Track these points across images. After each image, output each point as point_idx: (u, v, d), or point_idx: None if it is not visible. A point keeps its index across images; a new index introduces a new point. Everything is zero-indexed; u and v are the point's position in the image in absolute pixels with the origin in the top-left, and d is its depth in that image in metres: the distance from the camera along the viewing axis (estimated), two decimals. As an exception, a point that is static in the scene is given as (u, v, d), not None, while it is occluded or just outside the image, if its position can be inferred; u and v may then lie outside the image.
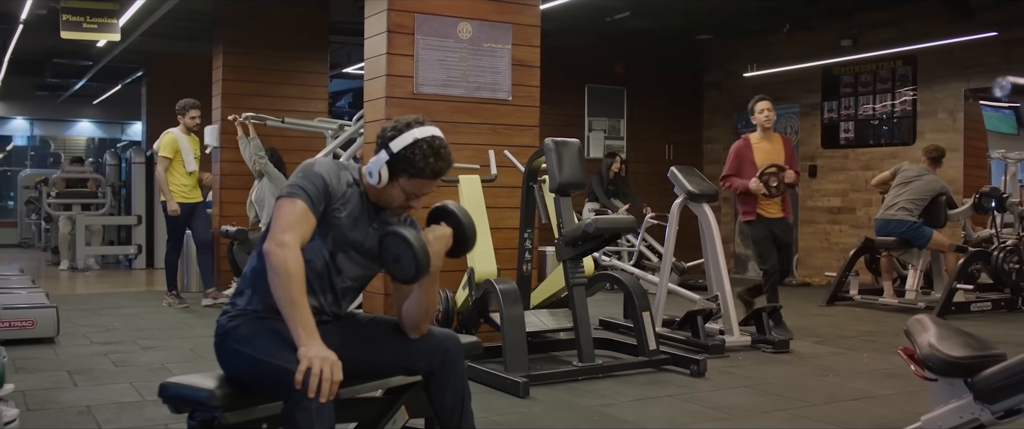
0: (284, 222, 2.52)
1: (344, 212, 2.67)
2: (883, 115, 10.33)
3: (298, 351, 2.38)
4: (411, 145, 2.62)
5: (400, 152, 2.62)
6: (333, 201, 2.64)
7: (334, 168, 2.69)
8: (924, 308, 7.91)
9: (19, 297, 6.51)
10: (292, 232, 2.50)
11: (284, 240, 2.47)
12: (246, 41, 9.58)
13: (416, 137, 2.63)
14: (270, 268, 2.46)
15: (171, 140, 7.68)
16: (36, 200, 14.72)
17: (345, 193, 2.68)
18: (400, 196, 2.69)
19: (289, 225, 2.51)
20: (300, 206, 2.55)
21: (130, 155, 12.48)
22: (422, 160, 2.62)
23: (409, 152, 2.62)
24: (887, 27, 10.07)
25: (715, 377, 5.13)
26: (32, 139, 21.12)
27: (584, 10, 9.62)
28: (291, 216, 2.53)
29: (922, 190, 8.12)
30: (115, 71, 14.75)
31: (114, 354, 5.68)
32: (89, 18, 9.03)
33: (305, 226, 2.55)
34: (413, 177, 2.65)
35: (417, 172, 2.63)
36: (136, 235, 12.09)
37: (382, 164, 2.63)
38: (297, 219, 2.53)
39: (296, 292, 2.43)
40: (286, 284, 2.43)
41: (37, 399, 4.42)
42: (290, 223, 2.52)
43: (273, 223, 2.54)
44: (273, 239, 2.48)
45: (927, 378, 3.19)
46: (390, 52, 5.89)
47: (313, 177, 2.61)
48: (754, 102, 6.58)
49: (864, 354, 5.98)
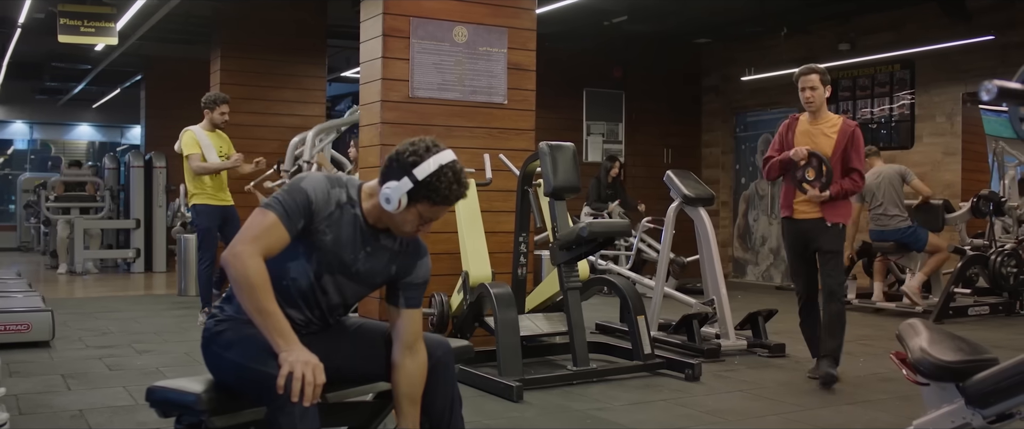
0: (248, 232, 2.49)
1: (330, 234, 2.60)
2: (881, 119, 10.32)
3: (279, 357, 2.37)
4: (437, 173, 2.51)
5: (425, 180, 2.51)
6: (316, 219, 2.56)
7: (324, 185, 2.60)
8: (922, 312, 7.90)
9: (15, 301, 6.51)
10: (253, 243, 2.46)
11: (239, 251, 2.43)
12: (244, 45, 9.60)
13: (441, 164, 2.53)
14: (231, 279, 2.43)
15: (191, 137, 6.92)
16: (35, 204, 14.73)
17: (332, 213, 2.60)
18: (415, 221, 2.59)
19: (252, 236, 2.47)
20: (270, 218, 2.49)
21: (129, 159, 12.48)
22: (447, 188, 2.53)
23: (435, 179, 2.51)
24: (885, 31, 10.07)
25: (710, 381, 5.12)
26: (32, 143, 21.14)
27: (582, 14, 9.63)
28: (257, 227, 2.49)
29: (889, 187, 8.11)
30: (114, 75, 14.77)
31: (109, 358, 5.68)
32: (86, 22, 9.04)
33: (270, 238, 2.48)
34: (435, 204, 2.55)
35: (441, 200, 2.54)
36: (135, 239, 12.09)
37: (403, 192, 2.52)
38: (263, 230, 2.48)
39: (262, 300, 2.41)
40: (249, 294, 2.41)
41: (30, 403, 4.41)
42: (254, 234, 2.48)
43: (239, 232, 2.52)
44: (230, 249, 2.45)
45: (919, 382, 3.18)
46: (385, 56, 5.89)
47: (295, 192, 2.55)
48: (796, 76, 5.17)
49: (860, 358, 5.97)
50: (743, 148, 12.18)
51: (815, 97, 5.06)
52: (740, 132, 12.25)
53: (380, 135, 5.90)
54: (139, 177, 12.15)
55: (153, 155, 12.26)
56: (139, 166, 12.18)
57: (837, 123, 5.12)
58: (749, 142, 12.08)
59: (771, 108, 11.65)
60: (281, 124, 9.29)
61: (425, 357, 2.73)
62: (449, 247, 5.63)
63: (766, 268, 11.75)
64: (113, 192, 12.76)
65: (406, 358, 2.71)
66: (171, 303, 8.63)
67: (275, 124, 9.19)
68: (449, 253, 5.64)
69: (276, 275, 2.54)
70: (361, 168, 6.36)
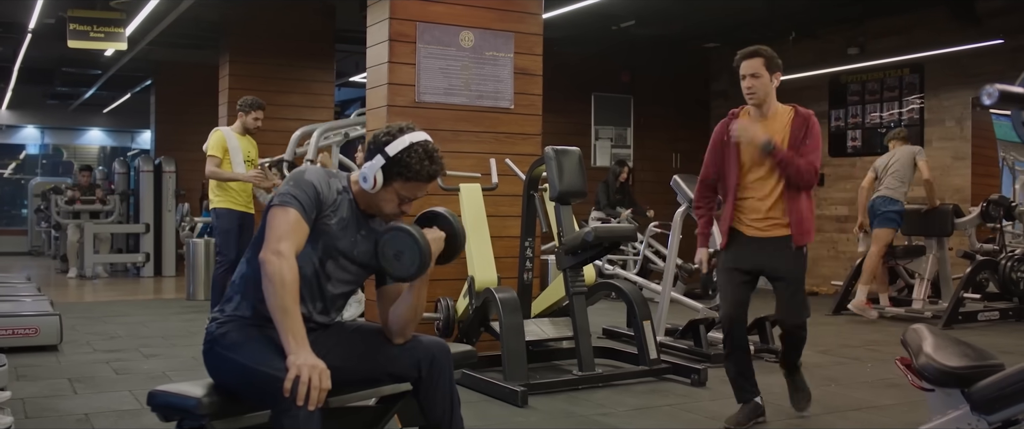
0: (279, 231, 2.54)
1: (334, 219, 2.70)
2: (891, 123, 10.28)
3: (287, 359, 2.39)
4: (407, 148, 2.65)
5: (396, 156, 2.64)
6: (324, 208, 2.67)
7: (324, 175, 2.73)
8: (931, 317, 7.87)
9: (23, 305, 6.54)
10: (287, 241, 2.53)
11: (280, 249, 2.50)
12: (252, 49, 9.63)
13: (411, 141, 2.67)
14: (265, 276, 2.48)
15: (219, 138, 6.68)
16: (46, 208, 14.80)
17: (335, 200, 2.71)
18: (393, 200, 2.71)
19: (284, 234, 2.54)
20: (293, 215, 2.58)
21: (138, 163, 12.53)
22: (418, 163, 2.65)
23: (405, 155, 2.64)
24: (894, 35, 10.04)
25: (716, 386, 5.10)
26: (44, 148, 21.25)
27: (590, 18, 9.64)
28: (285, 225, 2.56)
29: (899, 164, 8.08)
30: (124, 80, 14.84)
31: (116, 362, 5.69)
32: (96, 27, 9.09)
33: (299, 235, 2.58)
34: (409, 180, 2.68)
35: (413, 175, 2.66)
36: (144, 243, 12.13)
37: (377, 169, 2.65)
38: (291, 228, 2.56)
39: (289, 301, 2.45)
40: (281, 293, 2.45)
41: (36, 407, 4.43)
42: (285, 232, 2.54)
43: (268, 232, 2.56)
44: (269, 248, 2.51)
45: (924, 388, 3.16)
46: (392, 61, 5.90)
47: (304, 185, 2.64)
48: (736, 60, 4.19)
49: (867, 364, 5.94)
50: (752, 153, 12.14)
51: (757, 86, 4.05)
52: (749, 136, 12.21)
53: (386, 140, 5.89)
54: (148, 181, 12.20)
55: (163, 160, 12.31)
56: (149, 171, 12.23)
57: (787, 116, 4.13)
58: (758, 147, 12.04)
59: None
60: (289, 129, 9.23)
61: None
62: (455, 252, 5.62)
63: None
64: (123, 197, 12.81)
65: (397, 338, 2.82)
66: (180, 307, 8.66)
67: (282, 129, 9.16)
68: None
69: None
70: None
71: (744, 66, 4.09)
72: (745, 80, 4.08)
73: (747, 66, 4.08)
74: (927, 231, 8.35)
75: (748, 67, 4.07)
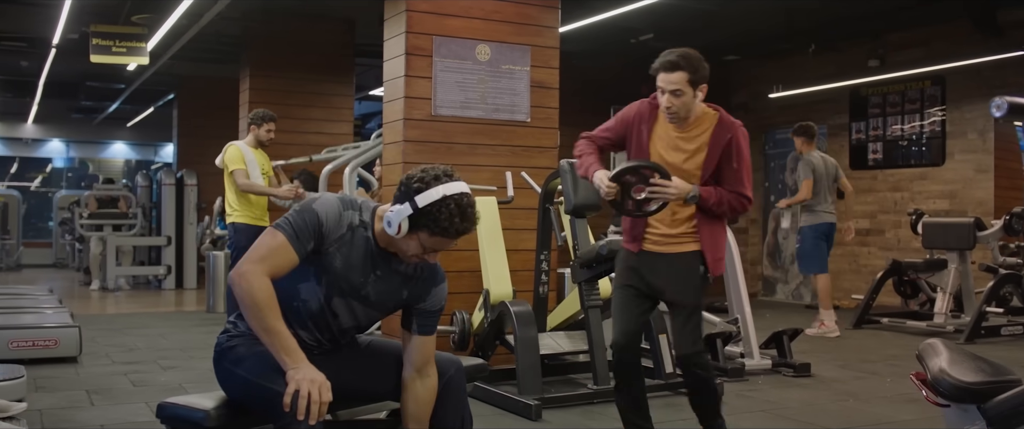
0: (255, 252, 2.50)
1: (339, 256, 2.58)
2: (912, 136, 10.21)
3: (288, 374, 2.38)
4: (438, 202, 2.47)
5: (425, 208, 2.47)
6: (326, 242, 2.56)
7: (336, 207, 2.59)
8: (953, 332, 7.78)
9: (44, 317, 6.60)
10: (260, 263, 2.47)
11: (245, 269, 2.44)
12: (273, 63, 9.70)
13: (444, 194, 2.47)
14: (237, 298, 2.44)
15: (236, 152, 6.70)
16: (69, 221, 14.96)
17: (343, 235, 2.58)
18: (417, 249, 2.55)
19: (259, 256, 2.48)
20: (279, 239, 2.50)
21: (160, 177, 12.64)
22: (447, 220, 2.47)
23: (435, 210, 2.46)
24: (915, 47, 9.97)
25: (732, 401, 5.07)
26: (70, 161, 21.49)
27: (608, 32, 9.64)
28: (265, 247, 2.50)
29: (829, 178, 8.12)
30: (147, 94, 15.01)
31: (134, 374, 5.73)
32: (118, 42, 9.19)
33: (278, 259, 2.49)
34: (434, 235, 2.50)
35: (441, 231, 2.49)
36: (166, 256, 12.22)
37: (404, 217, 2.49)
38: (270, 251, 2.49)
39: (267, 319, 2.41)
40: (255, 313, 2.42)
41: (53, 418, 4.46)
42: (261, 254, 2.49)
43: (247, 252, 2.53)
44: (237, 269, 2.47)
45: (939, 404, 3.13)
46: (408, 74, 5.92)
47: (306, 213, 2.55)
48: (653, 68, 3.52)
49: (887, 378, 5.88)
50: (772, 166, 12.09)
51: (678, 106, 3.45)
52: (769, 150, 12.17)
53: (403, 154, 5.92)
54: (170, 195, 12.30)
55: (184, 173, 12.41)
56: (171, 184, 12.33)
57: (709, 122, 3.54)
58: (779, 160, 11.99)
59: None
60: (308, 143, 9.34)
61: (435, 381, 2.73)
62: (470, 265, 5.63)
63: (796, 287, 11.63)
64: (145, 210, 12.92)
65: (416, 380, 2.71)
66: (199, 319, 8.70)
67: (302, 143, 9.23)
68: (470, 271, 5.64)
69: (286, 296, 2.55)
70: (385, 186, 6.39)
71: (662, 79, 3.44)
72: (664, 96, 3.45)
73: (666, 80, 3.43)
74: (949, 244, 8.27)
75: (668, 82, 3.43)
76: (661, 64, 3.45)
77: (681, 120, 3.51)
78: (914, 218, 8.81)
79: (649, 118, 3.58)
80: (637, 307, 3.62)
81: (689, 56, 3.44)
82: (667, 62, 3.43)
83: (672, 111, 3.46)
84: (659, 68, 3.45)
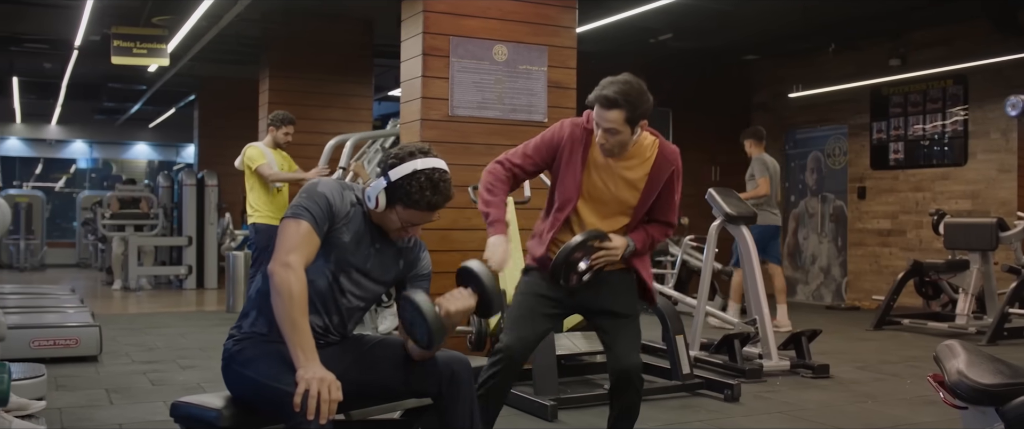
0: (289, 243, 2.54)
1: (347, 233, 2.67)
2: (934, 135, 10.13)
3: (297, 373, 2.39)
4: (409, 176, 2.60)
5: (398, 181, 2.60)
6: (336, 221, 2.65)
7: (338, 188, 2.71)
8: (975, 333, 7.71)
9: (65, 316, 6.66)
10: (296, 253, 2.52)
11: (288, 261, 2.49)
12: (292, 64, 9.75)
13: (415, 168, 2.60)
14: (273, 289, 2.48)
15: (256, 151, 6.80)
16: (92, 221, 15.09)
17: (348, 213, 2.69)
18: (397, 223, 2.68)
19: (293, 246, 2.54)
20: (304, 227, 2.57)
21: (181, 177, 12.73)
22: (418, 192, 2.60)
23: (406, 182, 2.60)
24: (936, 46, 9.88)
25: (749, 402, 5.04)
26: (94, 162, 21.68)
27: (627, 32, 9.62)
28: (296, 237, 2.56)
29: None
30: (169, 95, 15.12)
31: (153, 373, 5.77)
32: (139, 44, 9.26)
33: (309, 247, 2.57)
34: (408, 207, 2.63)
35: (412, 203, 2.62)
36: (187, 256, 12.30)
37: (379, 190, 2.62)
38: (301, 240, 2.55)
39: (297, 314, 2.45)
40: (288, 306, 2.45)
41: (72, 416, 4.50)
42: (295, 244, 2.54)
43: (278, 244, 2.56)
44: (277, 260, 2.51)
45: (956, 406, 3.10)
46: (425, 75, 5.94)
47: (317, 197, 2.63)
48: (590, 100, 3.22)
49: (907, 380, 5.83)
50: (793, 165, 12.02)
51: (613, 144, 3.19)
52: (790, 149, 12.10)
53: (420, 153, 5.93)
54: (191, 195, 12.38)
55: (205, 173, 12.48)
56: (191, 184, 12.41)
57: (650, 152, 3.28)
58: (799, 160, 11.93)
59: (821, 125, 11.50)
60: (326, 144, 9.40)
61: None
62: (487, 265, 5.63)
63: (816, 287, 11.57)
64: (166, 210, 13.01)
65: None
66: (219, 319, 8.75)
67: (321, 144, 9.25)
68: (487, 271, 5.63)
69: None
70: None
71: (598, 115, 3.17)
72: (599, 131, 3.18)
73: (602, 117, 3.15)
74: (971, 245, 8.20)
75: (603, 119, 3.15)
76: (597, 98, 3.16)
77: (616, 156, 3.26)
78: (936, 218, 8.74)
79: (583, 142, 3.26)
80: (547, 322, 3.33)
81: (629, 92, 3.13)
82: (603, 98, 3.14)
83: (606, 148, 3.22)
84: (595, 102, 3.18)
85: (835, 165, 11.37)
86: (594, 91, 3.19)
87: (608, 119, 3.14)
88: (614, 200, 3.29)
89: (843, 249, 11.19)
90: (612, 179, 3.27)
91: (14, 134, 19.61)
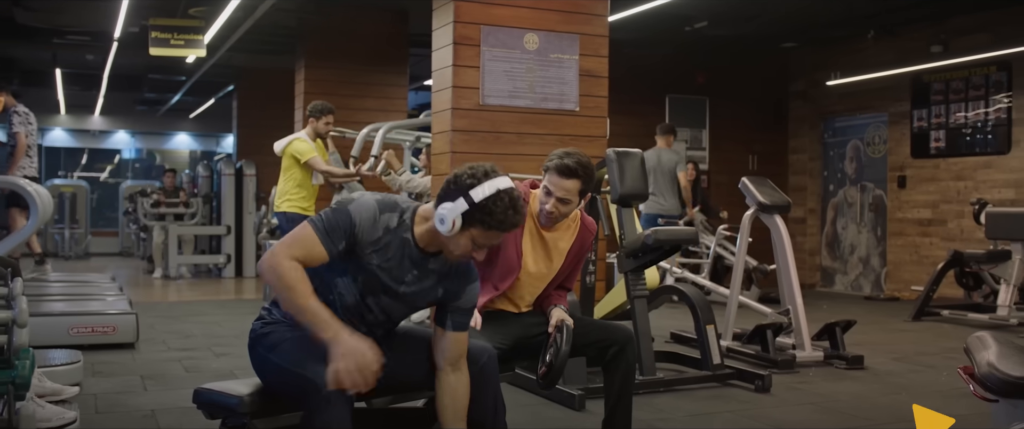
0: (288, 239, 2.55)
1: (376, 258, 2.60)
2: (976, 123, 9.94)
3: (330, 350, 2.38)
4: (494, 196, 2.50)
5: (481, 202, 2.49)
6: (360, 243, 2.57)
7: (371, 211, 2.59)
8: (1016, 325, 7.58)
9: (104, 304, 6.76)
10: (291, 248, 2.50)
11: (272, 254, 2.49)
12: (328, 54, 9.80)
13: (498, 188, 2.51)
14: (269, 284, 2.49)
15: (307, 145, 6.76)
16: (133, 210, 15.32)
17: (380, 238, 2.59)
18: (466, 246, 2.57)
19: (290, 242, 2.52)
20: (308, 231, 2.53)
21: (220, 167, 12.87)
22: (503, 213, 2.51)
23: (491, 203, 2.50)
24: (979, 32, 9.69)
25: (781, 393, 4.99)
26: (138, 152, 22.00)
27: (661, 20, 9.54)
28: (293, 236, 2.54)
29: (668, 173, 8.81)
30: (208, 86, 15.28)
31: (188, 360, 5.84)
32: (176, 35, 9.36)
33: (304, 248, 2.51)
34: (489, 229, 2.53)
35: (495, 224, 2.52)
36: (226, 245, 12.44)
37: (458, 213, 2.50)
38: (297, 240, 2.52)
39: (299, 298, 2.44)
40: (287, 294, 2.45)
41: (107, 402, 4.57)
42: (292, 241, 2.53)
43: (283, 238, 2.58)
44: (264, 257, 2.52)
45: (987, 399, 3.05)
46: (456, 64, 5.94)
47: (340, 214, 2.57)
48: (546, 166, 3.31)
49: (943, 372, 5.74)
50: (831, 154, 11.88)
51: (563, 212, 3.32)
52: (829, 138, 11.96)
53: (451, 143, 5.94)
54: (230, 184, 12.51)
55: (244, 163, 12.61)
56: (230, 174, 12.54)
57: (574, 227, 3.45)
58: (838, 148, 11.78)
59: (860, 113, 11.35)
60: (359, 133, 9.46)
61: (468, 376, 2.75)
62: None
63: (855, 277, 11.43)
64: (206, 199, 13.16)
65: (450, 374, 2.73)
66: (256, 307, 8.74)
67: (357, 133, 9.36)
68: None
69: (324, 288, 2.60)
70: (433, 175, 6.41)
71: (554, 184, 3.24)
72: (550, 198, 3.26)
73: (559, 186, 3.24)
74: (1013, 234, 8.04)
75: (560, 187, 3.24)
76: (557, 166, 3.23)
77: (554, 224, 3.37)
78: (977, 208, 8.59)
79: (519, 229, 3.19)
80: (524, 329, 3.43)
81: (587, 165, 3.25)
82: (564, 166, 3.21)
83: (554, 217, 3.31)
84: (554, 169, 3.24)
85: (875, 154, 11.21)
86: (549, 160, 3.27)
87: (566, 188, 3.25)
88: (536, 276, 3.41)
89: (882, 239, 11.04)
90: (546, 258, 3.41)
91: (59, 125, 19.93)
